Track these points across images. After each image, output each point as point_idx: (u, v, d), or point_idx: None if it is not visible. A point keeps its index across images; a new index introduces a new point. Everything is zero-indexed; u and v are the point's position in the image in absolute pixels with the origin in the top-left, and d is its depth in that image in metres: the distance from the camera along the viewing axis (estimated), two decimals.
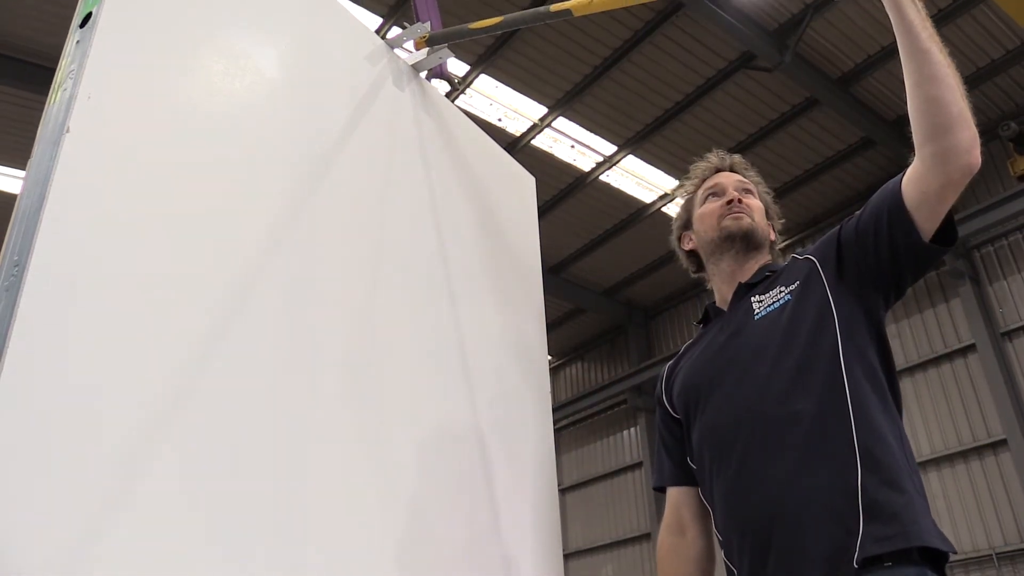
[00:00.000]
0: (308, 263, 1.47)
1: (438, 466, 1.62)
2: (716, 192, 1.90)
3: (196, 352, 1.21)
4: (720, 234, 1.82)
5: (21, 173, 1.31)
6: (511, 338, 1.99)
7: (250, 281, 1.34)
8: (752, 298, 1.74)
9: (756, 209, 1.87)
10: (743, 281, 1.79)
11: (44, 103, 1.20)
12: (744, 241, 1.82)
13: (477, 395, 1.79)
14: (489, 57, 9.91)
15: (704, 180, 1.95)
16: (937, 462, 10.31)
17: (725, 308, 1.82)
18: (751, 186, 1.92)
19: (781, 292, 1.69)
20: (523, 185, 2.36)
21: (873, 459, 1.47)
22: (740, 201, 1.85)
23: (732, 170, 1.96)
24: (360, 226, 1.62)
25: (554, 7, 1.88)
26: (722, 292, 1.85)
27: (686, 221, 1.97)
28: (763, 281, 1.77)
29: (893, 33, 1.55)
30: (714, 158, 1.99)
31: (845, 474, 1.46)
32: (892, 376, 1.63)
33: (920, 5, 1.49)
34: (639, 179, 11.96)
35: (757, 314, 1.71)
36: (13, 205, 1.13)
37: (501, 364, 1.90)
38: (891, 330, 11.03)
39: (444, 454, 1.64)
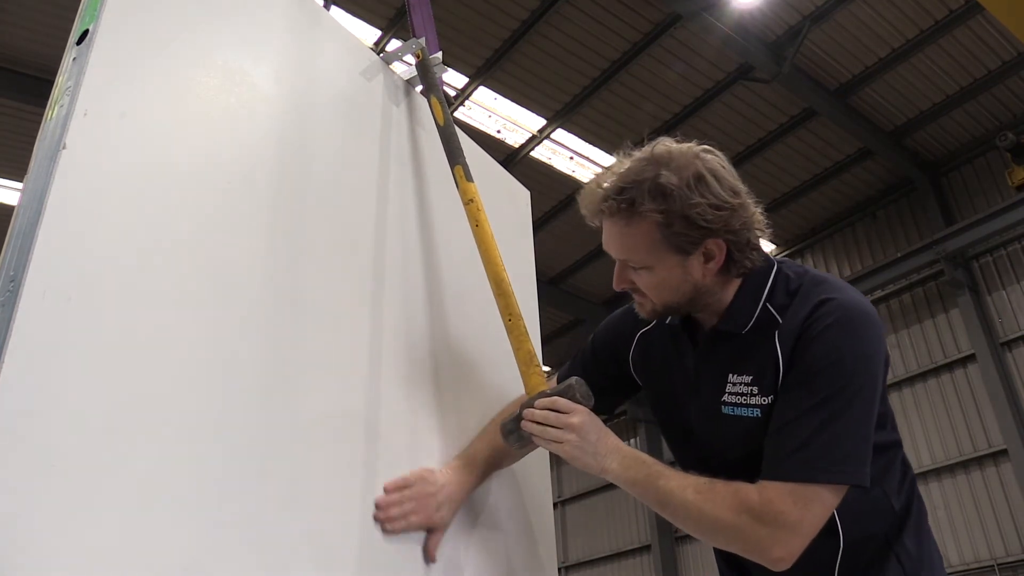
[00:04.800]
0: (302, 276, 1.47)
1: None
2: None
3: (193, 367, 1.21)
4: None
5: (19, 185, 1.31)
6: (506, 350, 2.00)
7: (245, 295, 1.34)
8: (730, 372, 1.47)
9: (651, 290, 1.48)
10: (714, 326, 1.52)
11: (42, 115, 1.21)
12: (667, 315, 1.58)
13: (470, 408, 1.79)
14: (488, 69, 9.95)
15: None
16: (937, 472, 10.30)
17: (694, 328, 1.59)
18: (634, 258, 1.46)
19: (753, 390, 1.43)
20: (518, 198, 2.36)
21: None
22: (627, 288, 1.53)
23: (600, 215, 1.48)
24: (354, 240, 1.62)
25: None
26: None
27: None
28: (737, 339, 1.48)
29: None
30: (586, 203, 1.49)
31: None
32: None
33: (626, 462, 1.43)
34: None
35: (725, 404, 1.46)
36: (10, 215, 1.13)
37: (494, 375, 1.90)
38: (890, 340, 11.14)
39: (437, 466, 1.64)
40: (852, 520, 1.41)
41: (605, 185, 1.45)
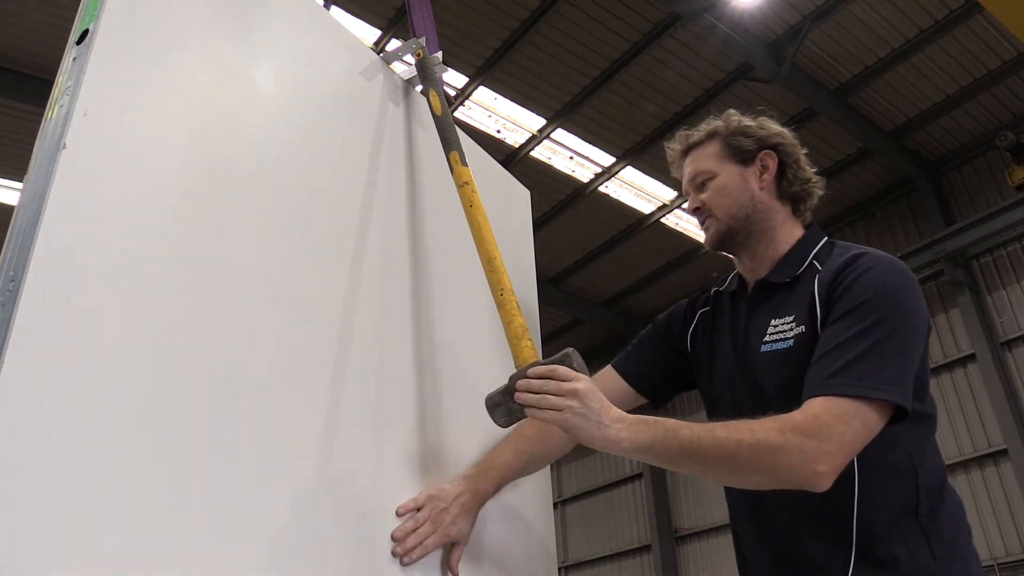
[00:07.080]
0: (302, 276, 1.47)
1: (430, 478, 1.62)
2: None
3: (193, 367, 1.21)
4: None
5: (19, 185, 1.32)
6: (506, 350, 1.99)
7: (246, 295, 1.34)
8: (772, 318, 1.59)
9: (716, 199, 1.70)
10: (763, 278, 1.67)
11: (42, 115, 1.21)
12: (728, 245, 1.71)
13: (469, 408, 1.79)
14: (488, 69, 9.94)
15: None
16: None
17: (748, 288, 1.71)
18: (704, 168, 1.74)
19: (791, 327, 1.54)
20: (518, 198, 2.36)
21: (873, 554, 1.40)
22: (698, 209, 1.73)
23: (686, 154, 1.80)
24: (353, 240, 1.62)
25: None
26: (746, 269, 1.74)
27: None
28: (783, 288, 1.62)
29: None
30: (674, 146, 1.83)
31: (838, 554, 1.43)
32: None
33: (649, 428, 1.38)
34: (638, 190, 11.98)
35: (765, 343, 1.57)
36: (9, 216, 1.13)
37: (494, 375, 1.90)
38: None
39: (436, 465, 1.64)
40: (870, 472, 1.43)
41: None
